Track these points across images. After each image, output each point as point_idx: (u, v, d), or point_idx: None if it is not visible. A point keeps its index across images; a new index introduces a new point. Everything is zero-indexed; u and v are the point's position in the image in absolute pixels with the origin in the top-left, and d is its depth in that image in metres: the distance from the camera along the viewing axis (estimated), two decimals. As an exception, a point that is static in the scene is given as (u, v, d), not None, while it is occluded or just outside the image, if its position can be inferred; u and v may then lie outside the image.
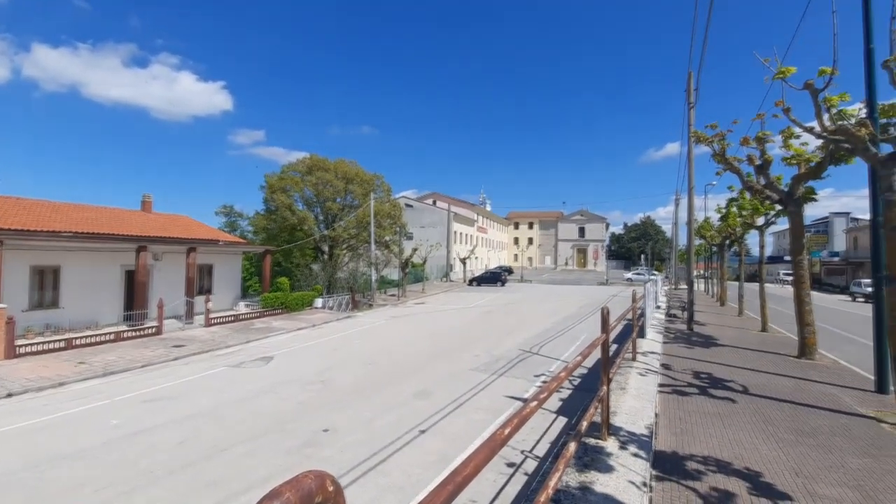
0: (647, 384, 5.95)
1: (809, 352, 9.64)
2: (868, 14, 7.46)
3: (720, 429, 5.25)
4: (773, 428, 5.35)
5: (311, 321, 18.68)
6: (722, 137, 10.86)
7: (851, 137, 6.27)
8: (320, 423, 7.19)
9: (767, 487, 3.85)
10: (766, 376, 7.93)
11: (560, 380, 2.40)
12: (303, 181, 28.28)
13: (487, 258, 65.86)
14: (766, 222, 17.00)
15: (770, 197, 11.17)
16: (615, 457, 3.65)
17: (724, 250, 25.99)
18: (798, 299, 10.02)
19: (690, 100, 16.66)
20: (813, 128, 6.91)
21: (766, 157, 10.70)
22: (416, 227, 46.75)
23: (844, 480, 4.05)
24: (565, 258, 78.04)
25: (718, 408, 6.04)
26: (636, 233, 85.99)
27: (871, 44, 7.45)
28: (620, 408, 4.87)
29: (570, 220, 78.72)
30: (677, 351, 9.92)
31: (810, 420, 5.70)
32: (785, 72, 6.71)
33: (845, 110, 7.46)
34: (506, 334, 15.09)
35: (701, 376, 7.69)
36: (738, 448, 4.70)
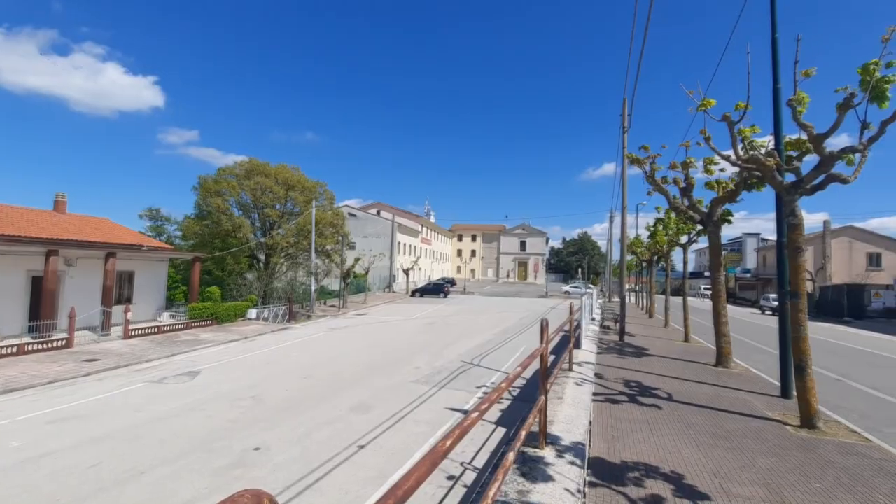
0: (582, 393, 6.18)
1: (725, 361, 10.46)
2: (776, 58, 8.34)
3: (648, 434, 5.54)
4: (694, 432, 5.72)
5: (243, 333, 17.75)
6: (653, 160, 11.66)
7: (761, 166, 6.95)
8: (251, 442, 6.80)
9: (689, 489, 4.10)
10: (688, 384, 8.49)
11: (501, 390, 2.43)
12: (240, 185, 27.02)
13: (431, 269, 66.00)
14: (689, 241, 18.36)
15: (692, 217, 12.10)
16: (552, 465, 3.74)
17: (652, 266, 27.75)
18: (715, 312, 10.87)
19: (625, 124, 17.73)
20: (730, 156, 7.58)
21: (689, 180, 11.59)
22: (360, 236, 46.07)
23: (755, 479, 4.40)
24: (507, 271, 79.87)
25: (646, 414, 6.38)
26: (574, 247, 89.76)
27: (779, 84, 8.33)
28: (557, 417, 5.02)
29: (512, 233, 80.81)
30: (610, 361, 10.40)
31: (726, 424, 6.16)
32: (706, 104, 7.34)
33: (756, 141, 8.27)
34: (447, 346, 15.12)
35: (631, 385, 8.10)
36: (663, 452, 4.98)
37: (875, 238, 45.60)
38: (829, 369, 11.15)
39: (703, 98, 7.25)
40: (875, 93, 6.21)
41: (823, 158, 6.55)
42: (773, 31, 8.39)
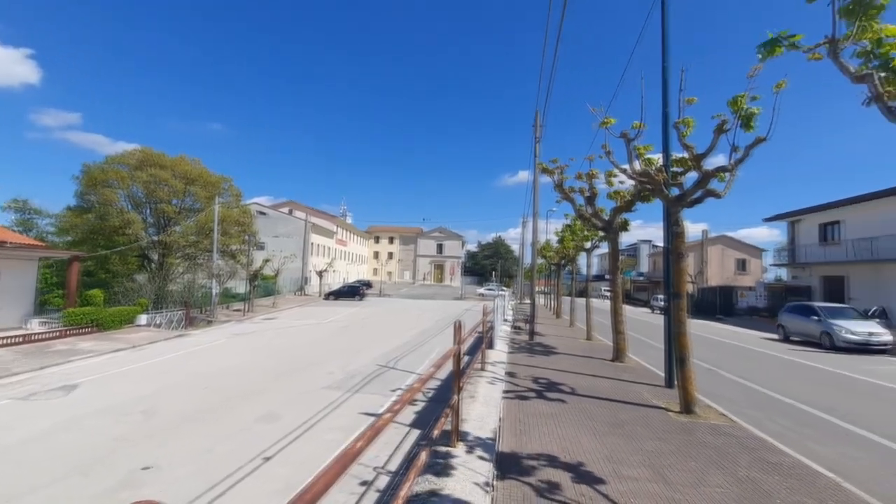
0: (494, 391, 6.41)
1: (621, 356, 11.43)
2: (666, 85, 9.26)
3: (553, 427, 5.89)
4: (594, 423, 6.19)
5: (131, 342, 16.02)
6: (561, 171, 12.45)
7: (652, 180, 7.73)
8: (140, 460, 6.16)
9: (587, 474, 4.42)
10: (589, 378, 9.16)
11: (414, 390, 2.45)
12: (131, 177, 24.34)
13: (346, 272, 64.50)
14: (593, 246, 19.85)
15: (595, 225, 13.08)
16: (463, 461, 3.84)
17: (560, 269, 29.57)
18: (613, 312, 11.84)
19: (537, 135, 18.70)
20: (626, 170, 8.33)
21: (593, 190, 12.53)
22: (270, 236, 43.73)
23: (642, 461, 4.87)
24: (424, 273, 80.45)
25: (552, 409, 6.77)
26: (489, 251, 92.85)
27: (668, 108, 9.27)
28: (470, 415, 5.16)
29: (429, 236, 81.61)
30: (521, 360, 10.89)
31: (620, 413, 6.74)
32: (607, 122, 8.02)
33: (651, 158, 9.16)
34: (362, 349, 14.87)
35: (539, 381, 8.55)
36: (566, 443, 5.32)
37: (743, 246, 52.60)
38: (704, 360, 12.64)
39: (605, 116, 7.92)
40: (743, 120, 7.12)
41: (702, 176, 7.44)
42: (664, 61, 9.33)
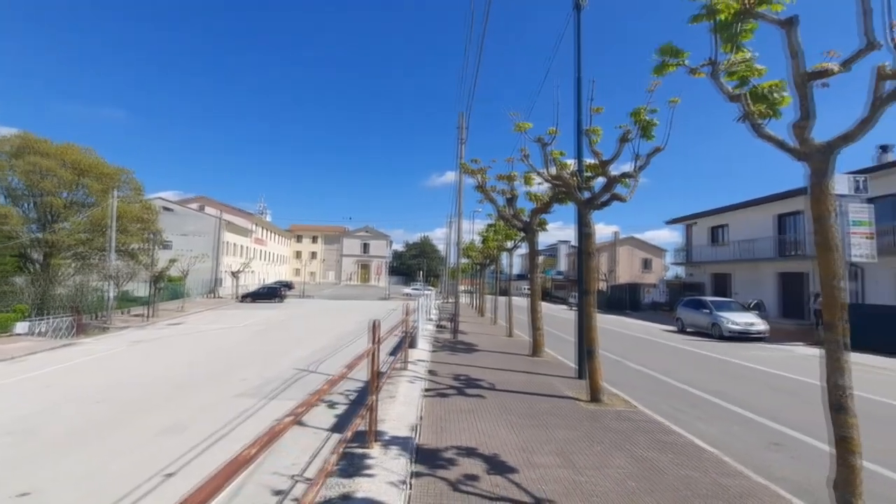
0: (414, 390, 6.43)
1: (539, 351, 11.98)
2: (579, 95, 9.79)
3: (472, 422, 6.02)
4: (510, 415, 6.42)
5: (7, 353, 14.05)
6: (482, 172, 12.79)
7: (565, 184, 8.18)
8: (16, 486, 5.41)
9: (502, 465, 4.58)
10: (508, 373, 9.49)
11: (322, 392, 2.38)
12: (9, 165, 21.34)
13: (265, 272, 61.39)
14: (514, 246, 20.59)
15: (515, 225, 13.60)
16: (379, 461, 3.80)
17: (484, 268, 30.34)
18: (532, 309, 12.39)
19: (461, 136, 19.01)
20: (542, 173, 8.74)
21: (513, 192, 13.01)
22: (177, 234, 40.42)
23: (553, 449, 5.14)
24: (349, 273, 78.76)
25: (472, 404, 6.93)
26: (416, 251, 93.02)
27: (581, 116, 9.85)
28: (389, 415, 5.13)
29: (354, 235, 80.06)
30: (443, 358, 11.03)
31: (535, 405, 7.06)
32: (523, 126, 8.36)
33: (565, 163, 9.67)
34: (281, 354, 14.22)
35: (460, 378, 8.71)
36: (483, 437, 5.47)
37: (648, 247, 57.36)
38: (612, 352, 13.60)
39: (521, 121, 8.25)
40: (644, 131, 7.71)
41: (608, 181, 8.00)
42: (578, 73, 9.89)
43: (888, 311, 18.15)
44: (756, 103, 4.03)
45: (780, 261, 24.66)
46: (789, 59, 3.41)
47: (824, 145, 3.39)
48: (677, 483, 4.41)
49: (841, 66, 3.26)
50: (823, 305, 3.31)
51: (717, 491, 4.29)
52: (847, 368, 3.14)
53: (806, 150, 3.45)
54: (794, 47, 3.37)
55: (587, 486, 4.25)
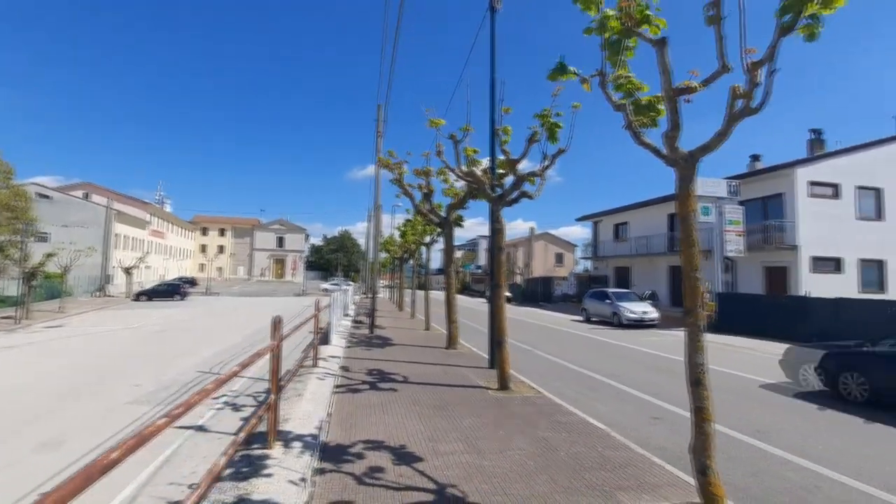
0: (323, 387, 6.32)
1: (454, 343, 12.27)
2: (493, 95, 10.10)
3: (382, 416, 6.05)
4: (420, 407, 6.55)
5: None
6: (399, 166, 12.77)
7: (477, 180, 8.45)
8: None
9: (408, 455, 4.68)
10: (423, 366, 9.63)
11: (207, 392, 2.27)
12: None
13: (164, 268, 56.41)
14: (432, 240, 20.83)
15: (432, 220, 13.77)
16: (280, 461, 3.71)
17: (404, 263, 30.34)
18: (447, 302, 12.65)
19: (379, 129, 18.81)
20: (455, 169, 8.94)
21: (430, 187, 13.15)
22: (57, 225, 35.80)
23: (459, 437, 5.33)
24: (262, 269, 74.75)
25: (383, 398, 6.95)
26: (335, 245, 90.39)
27: (494, 115, 10.19)
28: (294, 413, 5.00)
29: (268, 228, 76.07)
30: (358, 353, 10.91)
31: (446, 396, 7.25)
32: (436, 122, 8.49)
33: (478, 160, 9.95)
34: (181, 355, 13.19)
35: (374, 373, 8.69)
36: (393, 429, 5.52)
37: (561, 242, 60.75)
38: (524, 342, 14.32)
39: (435, 118, 8.38)
40: (550, 133, 8.14)
41: (517, 178, 8.39)
42: (492, 73, 10.20)
43: (755, 298, 20.96)
44: (637, 114, 4.47)
45: (671, 255, 27.37)
46: (661, 75, 3.84)
47: (688, 154, 3.86)
48: (569, 459, 4.79)
49: (701, 84, 3.72)
50: (685, 294, 3.78)
51: (603, 463, 4.73)
52: (703, 348, 3.61)
53: (674, 157, 3.90)
54: (664, 65, 3.78)
55: (489, 469, 4.47)
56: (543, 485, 4.17)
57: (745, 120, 3.62)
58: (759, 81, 3.51)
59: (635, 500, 3.95)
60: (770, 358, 12.94)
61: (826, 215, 22.13)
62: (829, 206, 22.42)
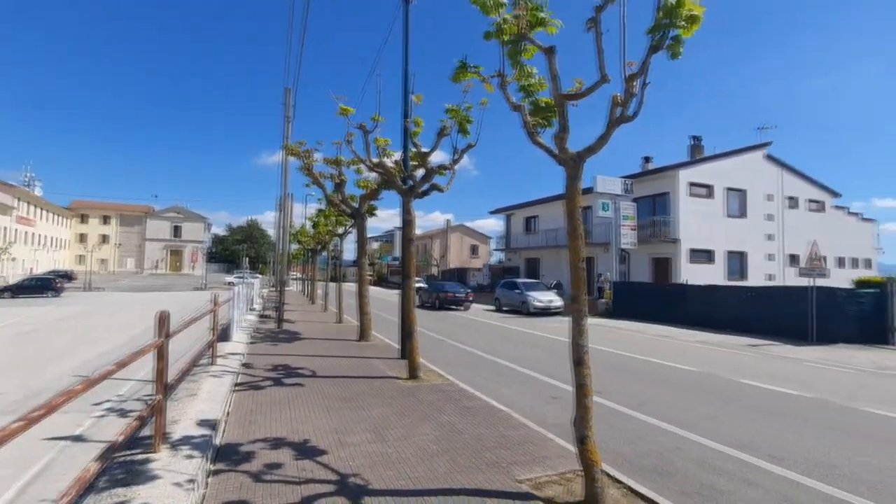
0: (221, 385, 5.99)
1: (366, 335, 12.20)
2: (406, 86, 10.09)
3: (286, 412, 5.90)
4: (328, 400, 6.47)
5: None
6: (308, 154, 12.32)
7: (387, 171, 8.44)
8: None
9: (311, 449, 4.63)
10: (333, 360, 9.49)
11: (73, 393, 2.09)
12: None
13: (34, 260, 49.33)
14: (346, 231, 20.41)
15: (345, 211, 13.50)
16: (167, 465, 3.49)
17: (316, 254, 29.37)
18: (360, 294, 12.52)
19: (288, 114, 17.96)
20: (365, 160, 8.86)
21: (342, 177, 12.86)
22: None
23: (366, 427, 5.38)
24: (155, 261, 68.15)
25: (288, 394, 6.77)
26: (241, 235, 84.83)
27: (407, 107, 10.19)
28: (186, 414, 4.70)
29: (162, 216, 69.44)
30: (263, 349, 10.45)
31: (356, 387, 7.24)
32: (346, 110, 8.34)
33: (389, 151, 9.91)
34: (56, 358, 11.69)
35: (279, 369, 8.40)
36: (296, 424, 5.41)
37: (476, 234, 62.42)
38: (437, 332, 14.64)
39: (345, 106, 8.21)
40: (461, 127, 8.32)
41: (427, 171, 8.52)
42: (405, 64, 10.18)
43: (644, 286, 23.28)
44: (535, 114, 4.77)
45: (574, 247, 29.36)
46: (551, 81, 4.14)
47: (576, 154, 4.21)
48: (471, 441, 5.05)
49: (585, 91, 4.07)
50: (572, 283, 4.14)
51: (503, 442, 5.04)
52: (585, 332, 3.99)
53: (563, 157, 4.23)
54: (553, 71, 4.08)
55: (393, 456, 4.58)
56: (445, 465, 4.36)
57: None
58: (634, 92, 3.92)
59: (528, 472, 4.29)
60: (656, 339, 14.51)
61: (701, 213, 25.13)
62: (704, 205, 25.49)
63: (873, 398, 7.55)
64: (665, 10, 3.57)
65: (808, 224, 27.16)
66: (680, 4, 3.52)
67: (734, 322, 16.39)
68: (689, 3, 3.54)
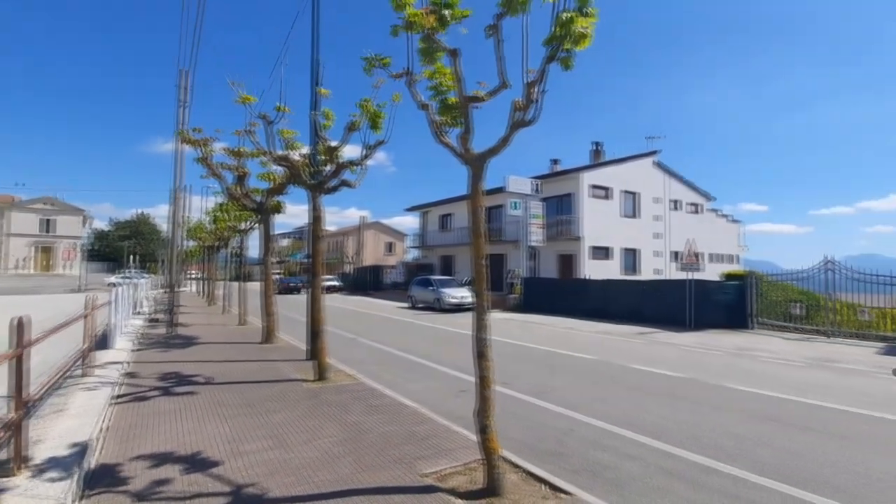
0: (97, 399, 5.34)
1: (272, 337, 11.60)
2: (315, 76, 9.73)
3: (175, 424, 5.42)
4: (225, 408, 6.05)
5: None
6: (206, 143, 11.38)
7: (291, 165, 8.07)
8: None
9: (203, 462, 4.30)
10: (232, 364, 8.89)
11: None
12: None
13: None
14: (250, 227, 19.20)
15: (247, 205, 12.68)
16: (27, 490, 3.04)
17: (216, 252, 27.28)
18: (265, 294, 11.87)
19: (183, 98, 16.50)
20: (268, 152, 8.40)
21: (244, 169, 12.05)
22: None
23: (266, 434, 5.11)
24: (18, 259, 59.04)
25: (179, 404, 6.22)
26: (128, 230, 76.16)
27: (314, 98, 9.80)
28: (52, 432, 4.12)
29: (29, 208, 60.38)
30: (151, 357, 9.50)
31: (257, 393, 6.85)
32: (246, 99, 7.83)
33: (296, 143, 9.43)
34: None
35: (169, 377, 7.69)
36: (187, 436, 5.00)
37: (391, 231, 62.02)
38: (349, 331, 14.32)
39: (245, 94, 7.71)
40: (373, 122, 8.16)
41: (336, 167, 8.29)
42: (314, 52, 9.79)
43: (551, 282, 24.71)
44: (443, 113, 4.83)
45: (488, 245, 30.26)
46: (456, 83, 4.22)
47: (479, 155, 4.34)
48: (378, 439, 5.02)
49: (487, 95, 4.22)
50: (475, 280, 4.27)
51: (409, 438, 5.07)
52: (486, 326, 4.15)
53: (467, 157, 4.34)
54: (458, 73, 4.17)
55: (294, 461, 4.40)
56: (349, 467, 4.29)
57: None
58: (534, 98, 4.12)
59: (432, 465, 4.36)
60: (560, 331, 15.46)
61: (601, 212, 27.23)
62: (603, 205, 27.65)
63: (735, 376, 8.71)
64: (560, 24, 3.79)
65: (687, 224, 30.56)
66: (572, 21, 3.75)
67: (629, 313, 17.98)
68: (581, 20, 3.78)
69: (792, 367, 9.64)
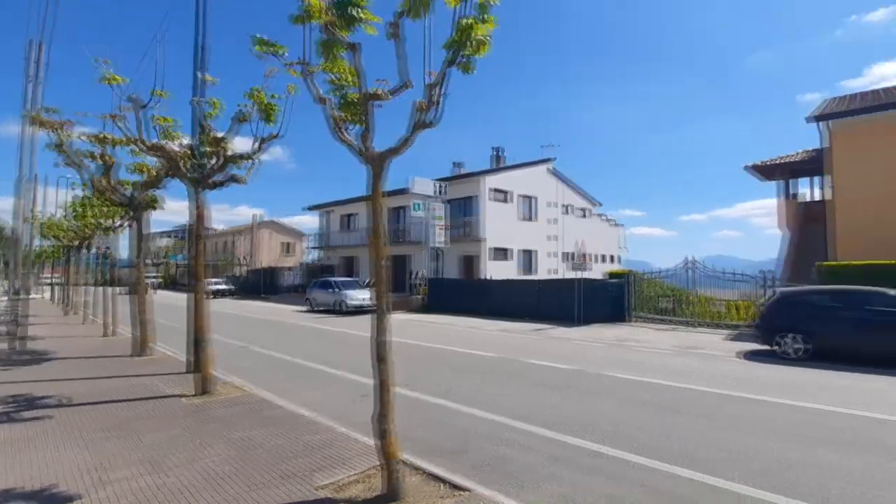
0: None
1: (145, 349, 10.31)
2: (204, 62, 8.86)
3: (22, 454, 4.55)
4: (87, 432, 5.24)
5: None
6: (61, 126, 9.73)
7: (167, 156, 7.25)
8: None
9: (58, 496, 3.67)
10: (96, 382, 7.75)
11: None
12: None
13: None
14: (120, 225, 16.93)
15: (115, 200, 11.14)
16: None
17: (79, 252, 23.68)
18: (138, 299, 10.52)
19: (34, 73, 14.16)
20: (138, 140, 7.46)
21: (110, 158, 10.53)
22: None
23: (139, 458, 4.51)
24: None
25: (27, 431, 5.26)
26: (-41, 228, 63.21)
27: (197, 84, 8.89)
28: None
29: None
30: (-12, 377, 7.95)
31: (126, 413, 6.03)
32: (113, 79, 6.87)
33: (175, 133, 8.45)
34: None
35: (15, 401, 6.48)
36: (38, 468, 4.22)
37: (289, 231, 58.90)
38: (239, 339, 13.27)
39: (112, 74, 6.74)
40: (266, 114, 7.58)
41: (223, 160, 7.62)
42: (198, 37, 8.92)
43: (455, 282, 25.22)
44: (344, 110, 4.62)
45: (393, 246, 30.20)
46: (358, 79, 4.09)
47: (379, 154, 4.24)
48: (270, 454, 4.68)
49: (388, 94, 4.14)
50: (375, 282, 4.17)
51: (304, 450, 4.81)
52: (387, 329, 4.06)
53: (368, 156, 4.22)
54: (359, 69, 4.04)
55: (173, 486, 3.93)
56: (237, 486, 3.94)
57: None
58: (435, 101, 4.12)
59: (329, 476, 4.17)
60: (464, 330, 15.82)
61: (501, 215, 28.46)
62: (503, 209, 28.93)
63: (615, 365, 9.59)
64: (460, 29, 3.83)
65: (577, 227, 33.15)
66: (472, 27, 3.80)
67: (528, 311, 18.98)
68: (479, 28, 3.85)
69: (662, 355, 10.88)
